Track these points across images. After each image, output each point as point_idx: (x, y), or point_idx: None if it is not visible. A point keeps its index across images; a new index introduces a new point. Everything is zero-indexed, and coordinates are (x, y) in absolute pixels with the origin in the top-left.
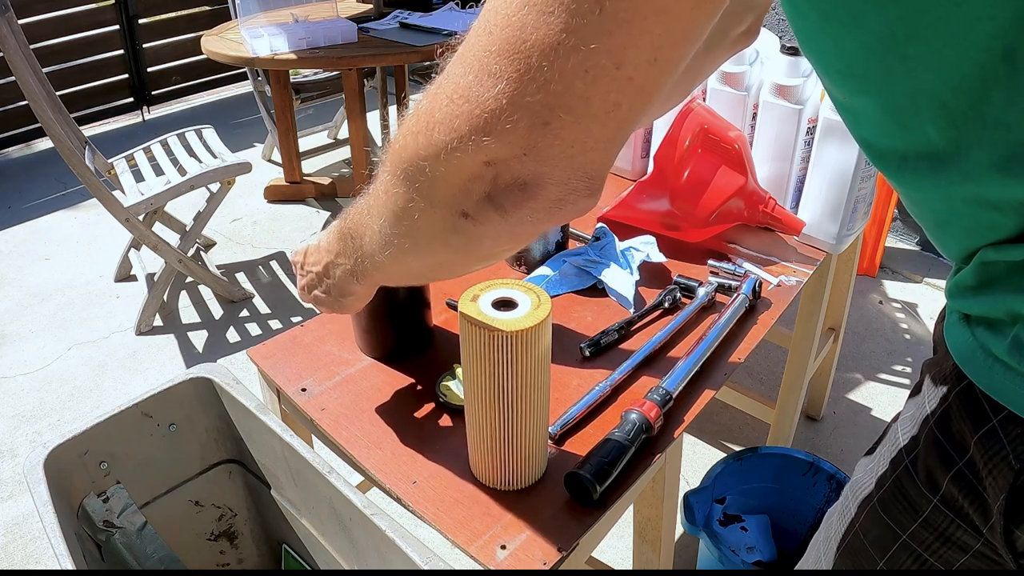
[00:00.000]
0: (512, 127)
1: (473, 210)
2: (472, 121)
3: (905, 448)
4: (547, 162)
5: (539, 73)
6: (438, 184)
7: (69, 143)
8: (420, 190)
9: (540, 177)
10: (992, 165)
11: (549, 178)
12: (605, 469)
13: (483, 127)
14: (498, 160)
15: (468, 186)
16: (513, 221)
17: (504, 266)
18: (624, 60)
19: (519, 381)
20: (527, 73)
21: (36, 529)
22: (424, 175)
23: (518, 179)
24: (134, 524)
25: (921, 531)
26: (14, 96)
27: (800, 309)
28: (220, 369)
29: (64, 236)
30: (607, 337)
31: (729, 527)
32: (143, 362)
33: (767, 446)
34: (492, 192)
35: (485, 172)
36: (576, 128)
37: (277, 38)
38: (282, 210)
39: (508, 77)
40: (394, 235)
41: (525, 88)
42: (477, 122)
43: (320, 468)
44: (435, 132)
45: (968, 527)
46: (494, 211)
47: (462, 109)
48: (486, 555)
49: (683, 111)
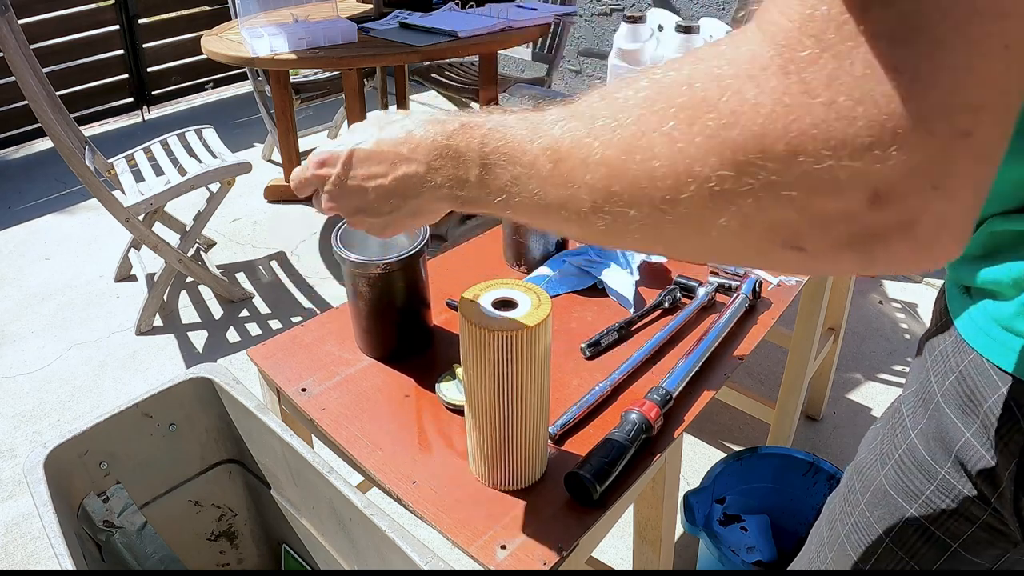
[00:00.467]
0: (930, 138)
1: (814, 248)
2: (875, 126)
3: (910, 423)
4: (956, 196)
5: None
6: (777, 202)
7: (69, 143)
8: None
9: (942, 217)
10: None
11: (951, 216)
12: (605, 469)
13: (891, 135)
14: (893, 194)
15: (826, 222)
16: (871, 268)
17: (504, 266)
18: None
19: (519, 381)
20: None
21: (36, 529)
22: (756, 178)
23: (909, 220)
24: (134, 524)
25: (928, 504)
26: (14, 96)
27: (800, 309)
28: (220, 369)
29: (64, 236)
30: (607, 337)
31: (729, 527)
32: (143, 362)
33: (767, 446)
34: (862, 232)
35: (863, 210)
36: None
37: (277, 38)
38: (282, 210)
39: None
40: (620, 212)
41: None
42: (883, 127)
43: (320, 468)
44: (808, 127)
45: (976, 497)
46: (851, 253)
47: (861, 110)
48: (486, 555)
49: None
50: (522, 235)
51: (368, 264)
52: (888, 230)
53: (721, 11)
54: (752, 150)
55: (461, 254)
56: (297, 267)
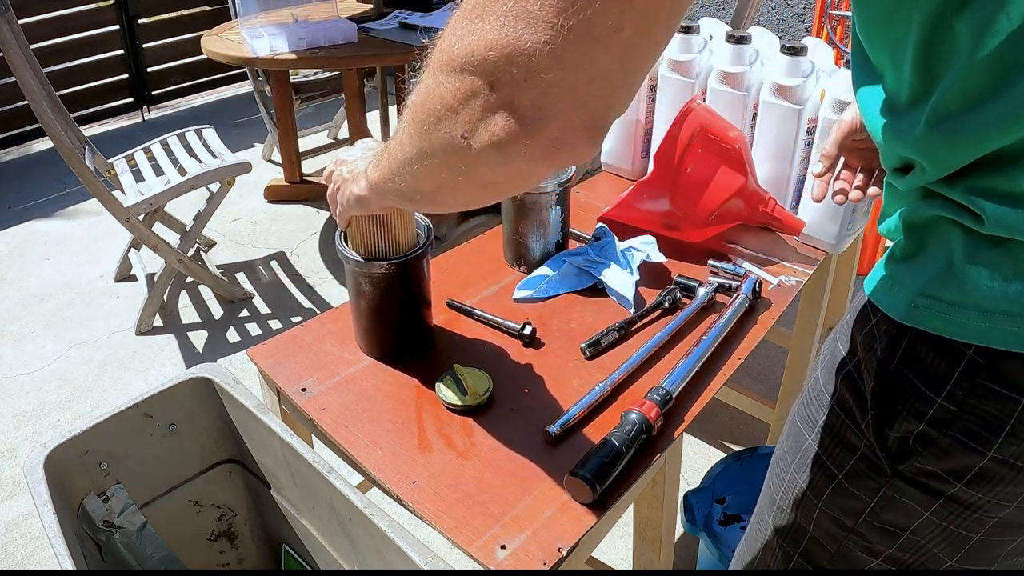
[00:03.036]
0: (516, 46)
1: (469, 133)
2: (483, 38)
3: (819, 361)
4: (547, 91)
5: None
6: (445, 98)
7: (69, 143)
8: (436, 99)
9: (540, 110)
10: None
11: (549, 111)
12: (605, 469)
13: (489, 44)
14: (499, 82)
15: (467, 104)
16: (509, 154)
17: (504, 266)
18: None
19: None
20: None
21: (36, 529)
22: (441, 84)
23: (516, 108)
24: (134, 524)
25: (820, 432)
26: (14, 96)
27: (800, 309)
28: (220, 369)
29: (64, 236)
30: (607, 337)
31: (729, 527)
32: (143, 362)
33: (767, 446)
34: (489, 117)
35: (486, 93)
36: (578, 52)
37: (277, 38)
38: (282, 210)
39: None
40: (412, 143)
41: (529, 5)
42: (485, 39)
43: (320, 468)
44: (454, 47)
45: (853, 425)
46: (489, 137)
47: (476, 26)
48: (486, 555)
49: (683, 111)
50: (522, 235)
51: (372, 263)
52: (507, 113)
53: (721, 11)
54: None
55: (461, 254)
56: (297, 267)
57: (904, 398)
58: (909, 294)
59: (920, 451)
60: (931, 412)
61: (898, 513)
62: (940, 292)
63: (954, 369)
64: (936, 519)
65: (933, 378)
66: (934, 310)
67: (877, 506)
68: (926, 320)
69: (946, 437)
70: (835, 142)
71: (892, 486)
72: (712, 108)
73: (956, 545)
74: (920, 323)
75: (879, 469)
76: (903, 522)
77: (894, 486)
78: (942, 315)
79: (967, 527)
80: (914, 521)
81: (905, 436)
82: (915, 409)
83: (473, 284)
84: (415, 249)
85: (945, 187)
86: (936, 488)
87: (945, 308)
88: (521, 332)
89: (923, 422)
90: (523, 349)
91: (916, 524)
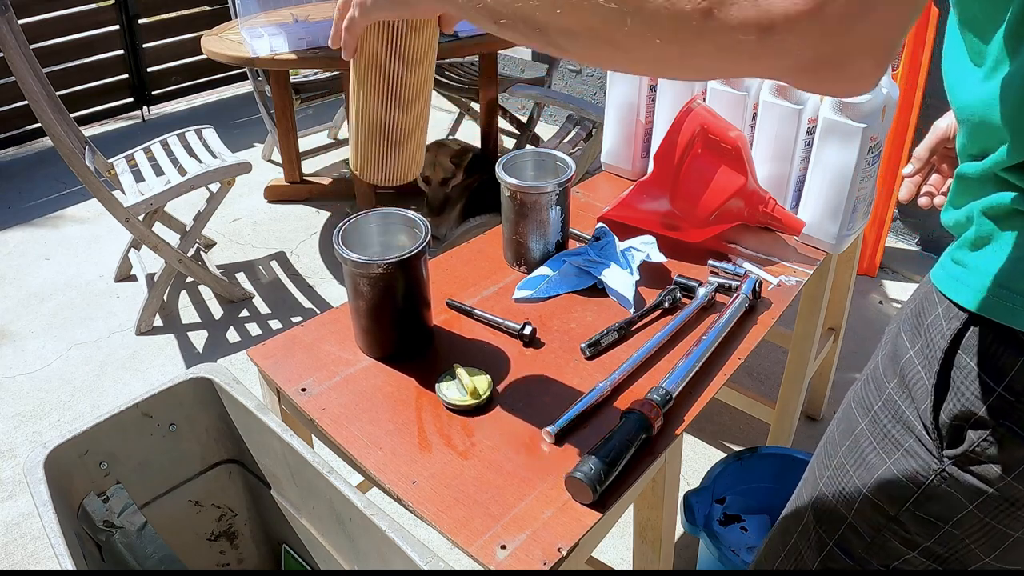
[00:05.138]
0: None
1: (719, 7)
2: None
3: (879, 350)
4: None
5: None
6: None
7: (69, 143)
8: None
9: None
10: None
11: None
12: (605, 469)
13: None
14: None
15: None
16: (772, 46)
17: (504, 266)
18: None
19: (408, 66)
20: None
21: (36, 529)
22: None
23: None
24: (134, 524)
25: (876, 419)
26: (14, 96)
27: (800, 309)
28: (220, 369)
29: (64, 236)
30: (607, 337)
31: (729, 527)
32: (143, 362)
33: (767, 446)
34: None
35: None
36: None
37: (277, 38)
38: (282, 210)
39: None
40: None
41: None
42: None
43: (320, 468)
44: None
45: (908, 411)
46: (761, 13)
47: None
48: (486, 555)
49: (683, 111)
50: (522, 235)
51: (369, 264)
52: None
53: None
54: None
55: (461, 254)
56: (297, 267)
57: (964, 386)
58: (980, 284)
59: (973, 439)
60: (990, 401)
61: (942, 504)
62: (1012, 283)
63: (1017, 360)
64: (979, 512)
65: (995, 368)
66: (1004, 301)
67: (923, 495)
68: (995, 310)
69: (1001, 427)
70: (928, 146)
71: (941, 475)
72: (712, 108)
73: (994, 542)
74: (989, 312)
75: (931, 456)
76: (946, 514)
77: (943, 475)
78: (1012, 306)
79: (1008, 524)
80: (957, 514)
81: (960, 424)
82: (974, 397)
83: (473, 284)
84: (412, 249)
85: (1021, 176)
86: (986, 478)
87: (1016, 300)
88: (521, 332)
89: (980, 410)
90: (523, 349)
91: (959, 517)
